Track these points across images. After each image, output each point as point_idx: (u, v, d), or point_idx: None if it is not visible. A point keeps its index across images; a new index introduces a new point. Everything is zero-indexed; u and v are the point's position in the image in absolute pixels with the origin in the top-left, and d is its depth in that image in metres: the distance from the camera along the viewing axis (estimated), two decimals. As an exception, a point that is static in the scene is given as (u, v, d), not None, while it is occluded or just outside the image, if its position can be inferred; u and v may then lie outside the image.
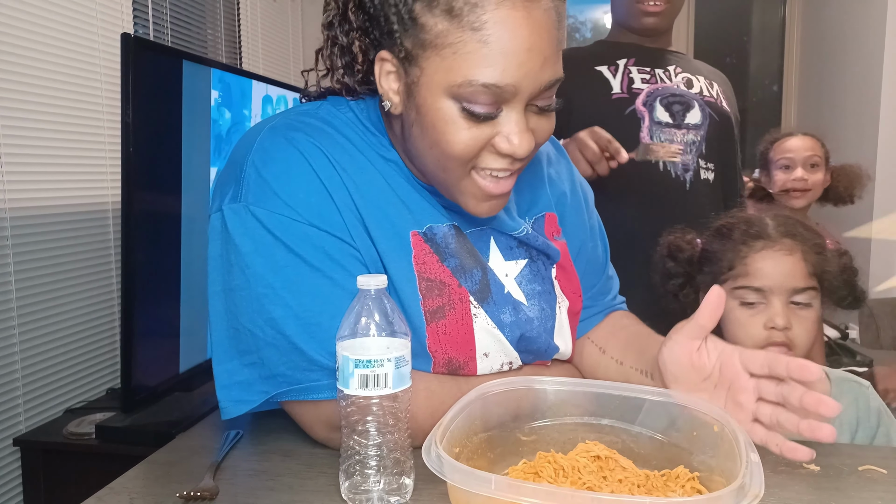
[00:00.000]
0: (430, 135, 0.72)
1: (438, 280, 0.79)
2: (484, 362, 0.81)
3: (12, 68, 1.59)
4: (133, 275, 1.38)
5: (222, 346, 0.77)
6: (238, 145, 0.79)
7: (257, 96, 1.84)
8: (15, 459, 1.63)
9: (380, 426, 0.64)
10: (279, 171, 0.75)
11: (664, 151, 1.44)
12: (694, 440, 0.69)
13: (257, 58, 2.79)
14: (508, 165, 0.74)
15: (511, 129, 0.71)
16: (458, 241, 0.82)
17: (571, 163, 1.01)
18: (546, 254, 0.89)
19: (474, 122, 0.70)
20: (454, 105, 0.70)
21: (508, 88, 0.68)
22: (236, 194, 0.75)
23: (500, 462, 0.71)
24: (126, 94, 1.33)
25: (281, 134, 0.77)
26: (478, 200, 0.76)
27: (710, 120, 1.56)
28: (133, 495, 0.69)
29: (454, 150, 0.71)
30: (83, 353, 1.84)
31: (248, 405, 0.77)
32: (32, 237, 1.66)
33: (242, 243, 0.74)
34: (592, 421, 0.74)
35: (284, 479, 0.73)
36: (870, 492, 0.70)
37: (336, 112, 0.81)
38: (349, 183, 0.77)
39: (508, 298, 0.84)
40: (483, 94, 0.68)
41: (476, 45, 0.67)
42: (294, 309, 0.73)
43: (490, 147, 0.72)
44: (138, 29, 2.08)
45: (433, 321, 0.78)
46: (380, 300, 0.65)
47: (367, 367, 0.63)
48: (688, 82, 1.58)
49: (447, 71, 0.69)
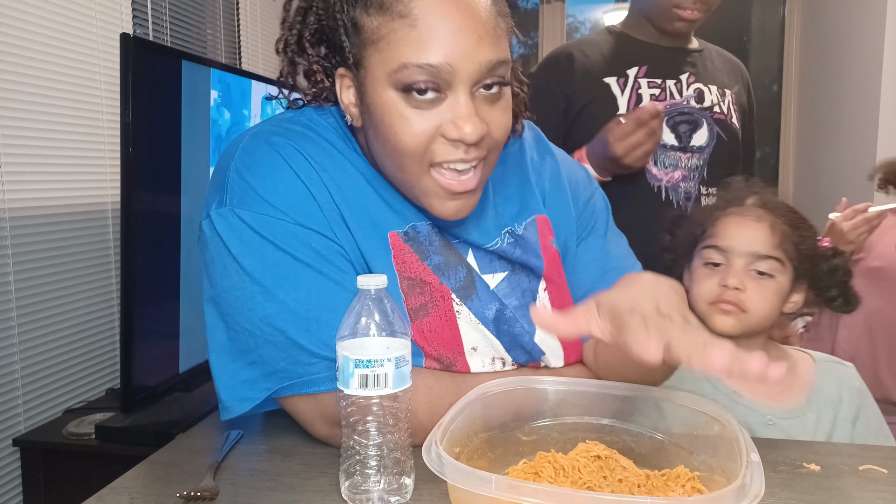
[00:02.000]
0: (381, 131, 0.74)
1: (419, 279, 0.80)
2: (474, 357, 0.82)
3: (12, 68, 1.59)
4: (133, 275, 1.38)
5: (223, 347, 0.78)
6: (223, 153, 0.82)
7: (257, 96, 1.84)
8: (15, 460, 1.63)
9: (380, 426, 0.64)
10: (262, 174, 0.77)
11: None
12: (694, 440, 0.69)
13: (257, 58, 2.79)
14: (464, 155, 0.73)
15: (456, 112, 0.71)
16: (441, 239, 0.83)
17: (558, 160, 0.97)
18: (528, 267, 0.87)
19: (418, 109, 0.72)
20: (396, 94, 0.72)
21: (443, 67, 0.69)
22: (222, 199, 0.77)
23: (500, 462, 0.71)
24: (125, 95, 1.33)
25: (262, 139, 0.79)
26: (442, 199, 0.76)
27: (717, 140, 1.52)
28: (133, 495, 0.69)
29: (403, 141, 0.72)
30: (83, 353, 1.84)
31: (251, 402, 0.78)
32: (32, 237, 1.66)
33: (232, 245, 0.75)
34: (592, 421, 0.74)
35: (285, 479, 0.73)
36: (870, 492, 0.70)
37: (318, 118, 0.83)
38: (330, 184, 0.78)
39: (495, 296, 0.84)
40: (419, 75, 0.70)
41: (406, 30, 0.70)
42: (288, 304, 0.74)
43: (440, 138, 0.73)
44: (137, 29, 2.08)
45: (417, 319, 0.80)
46: (380, 300, 0.65)
47: (367, 367, 0.63)
48: (699, 95, 1.53)
49: (384, 61, 0.71)
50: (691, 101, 1.52)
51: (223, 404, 0.79)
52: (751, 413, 1.04)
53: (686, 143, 1.50)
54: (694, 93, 1.53)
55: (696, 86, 1.53)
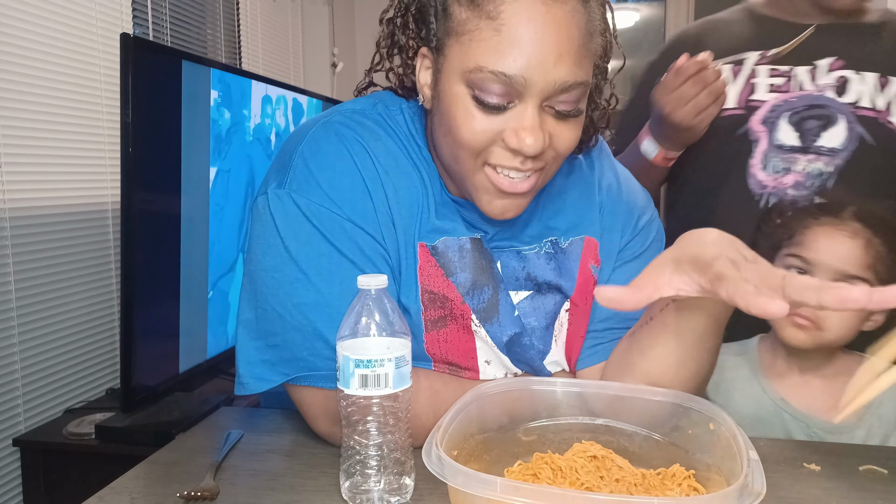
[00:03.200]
0: (445, 121, 0.74)
1: (441, 294, 0.80)
2: (487, 369, 0.83)
3: (12, 68, 1.59)
4: (132, 275, 1.38)
5: (250, 324, 0.79)
6: (291, 136, 0.82)
7: (257, 96, 1.84)
8: (15, 460, 1.63)
9: (380, 426, 0.64)
10: (325, 164, 0.77)
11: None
12: (690, 438, 0.69)
13: (257, 58, 2.79)
14: (519, 165, 0.73)
15: (521, 123, 0.71)
16: (473, 257, 0.82)
17: (620, 181, 0.93)
18: (556, 287, 0.86)
19: (485, 111, 0.72)
20: (467, 91, 0.72)
21: (517, 79, 0.69)
22: (282, 181, 0.77)
23: (496, 463, 0.71)
24: (125, 95, 1.32)
25: (332, 129, 0.80)
26: (490, 196, 0.76)
27: (860, 143, 1.19)
28: (134, 495, 0.70)
29: (463, 136, 0.73)
30: (83, 353, 1.84)
31: (268, 384, 0.78)
32: (32, 237, 1.66)
33: (282, 227, 0.76)
34: (587, 421, 0.74)
35: (285, 479, 0.73)
36: (870, 492, 0.70)
37: (388, 113, 0.83)
38: (388, 186, 0.79)
39: (517, 322, 0.84)
40: (492, 82, 0.70)
41: (490, 32, 0.69)
42: (325, 296, 0.75)
43: (500, 142, 0.73)
44: (137, 29, 2.08)
45: (433, 329, 0.80)
46: (380, 300, 0.65)
47: (367, 366, 0.63)
48: (841, 85, 1.21)
49: (463, 56, 0.71)
50: (827, 91, 1.21)
51: (240, 379, 0.79)
52: (794, 422, 1.00)
53: (810, 143, 1.20)
54: (834, 81, 1.21)
55: (840, 73, 1.21)
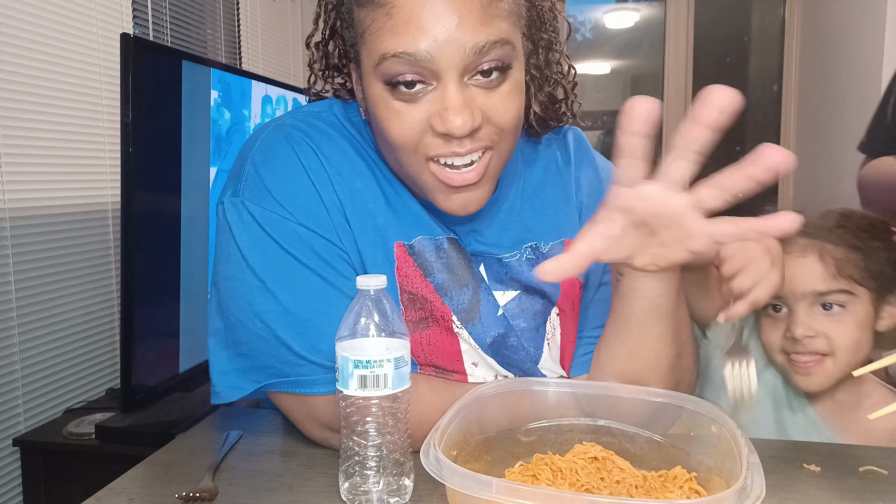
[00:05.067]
0: (376, 125, 0.73)
1: (420, 295, 0.79)
2: (475, 371, 0.81)
3: (12, 68, 1.59)
4: (133, 275, 1.38)
5: (219, 333, 0.78)
6: (247, 140, 0.81)
7: (257, 96, 1.84)
8: (15, 460, 1.63)
9: (379, 427, 0.64)
10: (275, 171, 0.76)
11: None
12: (691, 440, 0.69)
13: (257, 58, 2.79)
14: (457, 148, 0.69)
15: (444, 103, 0.67)
16: (451, 257, 0.81)
17: (600, 174, 0.90)
18: (541, 291, 0.84)
19: (405, 101, 0.69)
20: (384, 88, 0.69)
21: (422, 55, 0.65)
22: (236, 189, 0.76)
23: (497, 464, 0.71)
24: (125, 95, 1.32)
25: (283, 133, 0.78)
26: (445, 194, 0.73)
27: None
28: (132, 496, 0.69)
29: (393, 134, 0.70)
30: (83, 354, 1.84)
31: (241, 392, 0.77)
32: (32, 237, 1.66)
33: (239, 236, 0.75)
34: (588, 422, 0.74)
35: (284, 479, 0.73)
36: (870, 492, 0.70)
37: (345, 115, 0.82)
38: (341, 188, 0.77)
39: (501, 321, 0.82)
40: (398, 65, 0.67)
41: (384, 19, 0.67)
42: (283, 304, 0.74)
43: (431, 130, 0.69)
44: (137, 29, 2.07)
45: (416, 331, 0.79)
46: (379, 301, 0.65)
47: (366, 367, 0.63)
48: None
49: (369, 53, 0.69)
50: None
51: (214, 389, 0.78)
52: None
53: None
54: None
55: None
